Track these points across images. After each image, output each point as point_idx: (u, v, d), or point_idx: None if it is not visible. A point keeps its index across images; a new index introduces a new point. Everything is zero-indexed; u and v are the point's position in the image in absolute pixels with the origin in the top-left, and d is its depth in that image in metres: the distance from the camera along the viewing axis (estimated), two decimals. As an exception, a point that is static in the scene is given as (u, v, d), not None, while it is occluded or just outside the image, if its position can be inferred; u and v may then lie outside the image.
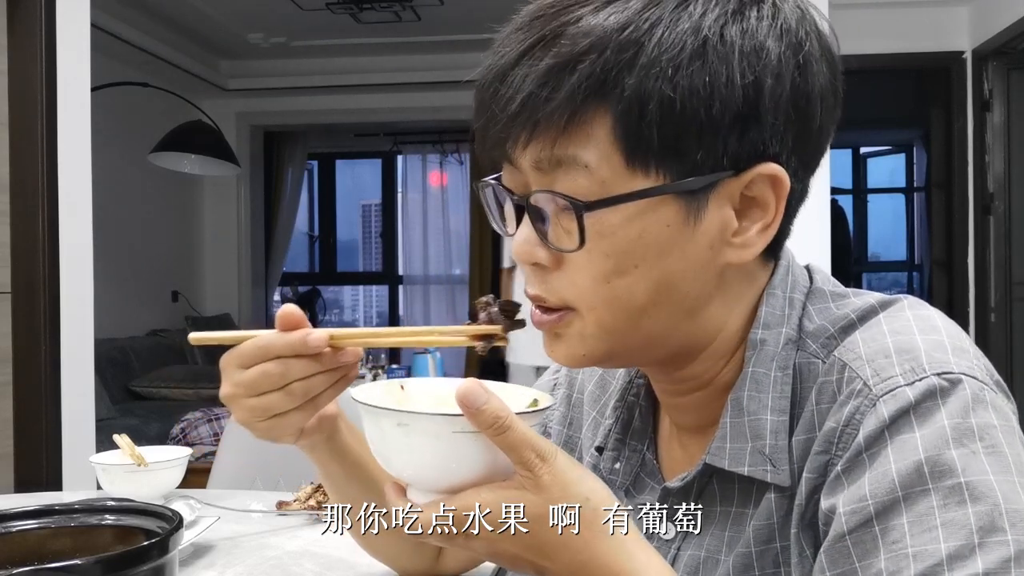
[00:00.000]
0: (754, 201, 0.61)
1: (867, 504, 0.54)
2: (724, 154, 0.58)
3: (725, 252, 0.61)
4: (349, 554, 1.14)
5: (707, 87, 0.56)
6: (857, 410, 0.57)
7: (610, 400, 0.77)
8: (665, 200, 0.59)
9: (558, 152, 0.58)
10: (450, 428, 0.55)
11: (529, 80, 0.58)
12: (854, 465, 0.56)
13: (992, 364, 0.61)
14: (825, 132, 0.64)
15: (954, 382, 0.55)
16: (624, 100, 0.56)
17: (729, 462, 0.64)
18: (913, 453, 0.53)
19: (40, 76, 2.47)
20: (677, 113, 0.56)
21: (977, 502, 0.51)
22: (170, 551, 0.70)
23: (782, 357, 0.64)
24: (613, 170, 0.58)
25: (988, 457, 0.53)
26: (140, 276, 5.34)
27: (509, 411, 0.54)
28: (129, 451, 1.42)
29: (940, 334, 0.59)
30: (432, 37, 5.38)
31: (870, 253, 7.93)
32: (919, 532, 0.52)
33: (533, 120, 0.58)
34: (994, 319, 4.17)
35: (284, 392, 0.66)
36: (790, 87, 0.59)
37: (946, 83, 4.43)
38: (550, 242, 0.61)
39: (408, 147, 7.34)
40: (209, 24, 5.24)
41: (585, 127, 0.58)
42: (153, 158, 4.78)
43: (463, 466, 0.56)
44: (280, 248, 7.06)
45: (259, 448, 1.93)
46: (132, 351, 4.90)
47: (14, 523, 0.75)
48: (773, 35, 0.59)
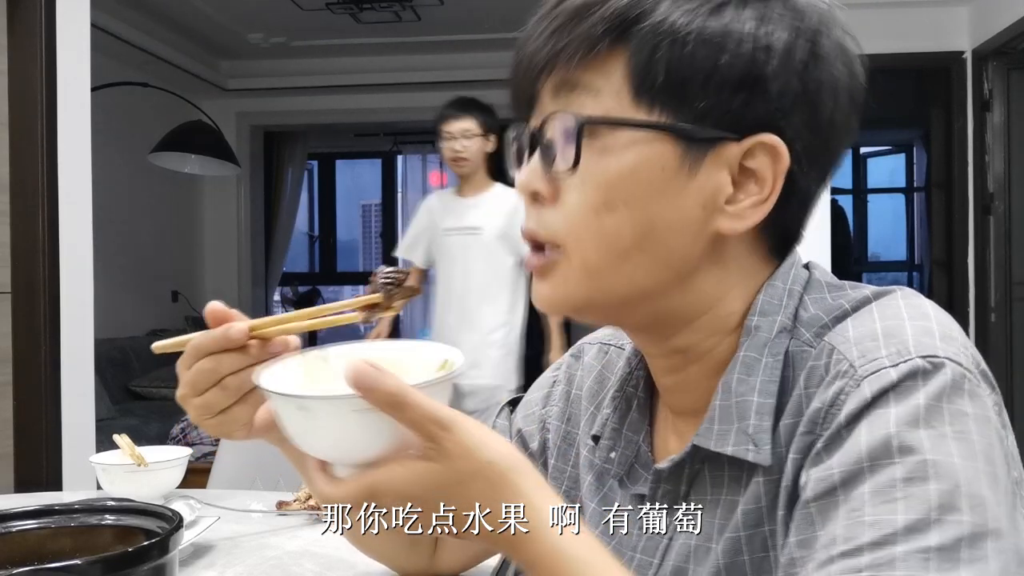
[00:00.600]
0: (753, 174, 0.62)
1: (833, 472, 0.55)
2: (728, 112, 0.60)
3: (717, 218, 0.62)
4: (349, 554, 1.14)
5: (719, 38, 0.59)
6: (842, 390, 0.58)
7: (609, 391, 0.78)
8: (663, 140, 0.61)
9: (574, 76, 0.62)
10: (350, 407, 0.54)
11: (559, 18, 0.62)
12: (833, 441, 0.57)
13: (992, 364, 0.61)
14: (837, 127, 0.64)
15: (937, 365, 0.56)
16: (640, 35, 0.60)
17: (715, 443, 0.64)
18: (884, 427, 0.55)
19: (40, 76, 2.47)
20: (687, 55, 0.59)
21: (940, 480, 0.52)
22: (170, 551, 0.70)
23: (775, 344, 0.64)
24: (620, 102, 0.61)
25: (955, 442, 0.54)
26: (140, 276, 5.34)
27: (403, 387, 0.53)
28: (129, 451, 1.42)
29: (930, 321, 0.60)
30: (432, 37, 5.38)
31: (870, 253, 7.93)
32: (880, 503, 0.53)
33: (558, 48, 0.62)
34: (994, 319, 4.17)
35: (219, 388, 0.69)
36: (800, 67, 0.61)
37: (946, 83, 4.43)
38: (553, 169, 0.63)
39: (408, 147, 7.34)
40: (209, 24, 5.24)
41: (603, 60, 0.61)
42: (153, 158, 4.78)
43: (374, 440, 0.56)
44: (280, 248, 7.05)
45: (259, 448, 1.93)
46: (132, 351, 4.90)
47: (14, 523, 0.75)
48: (790, 25, 0.61)
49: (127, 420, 4.08)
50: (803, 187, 0.64)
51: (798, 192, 0.64)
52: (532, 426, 0.86)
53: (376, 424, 0.55)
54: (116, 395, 4.51)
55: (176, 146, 4.69)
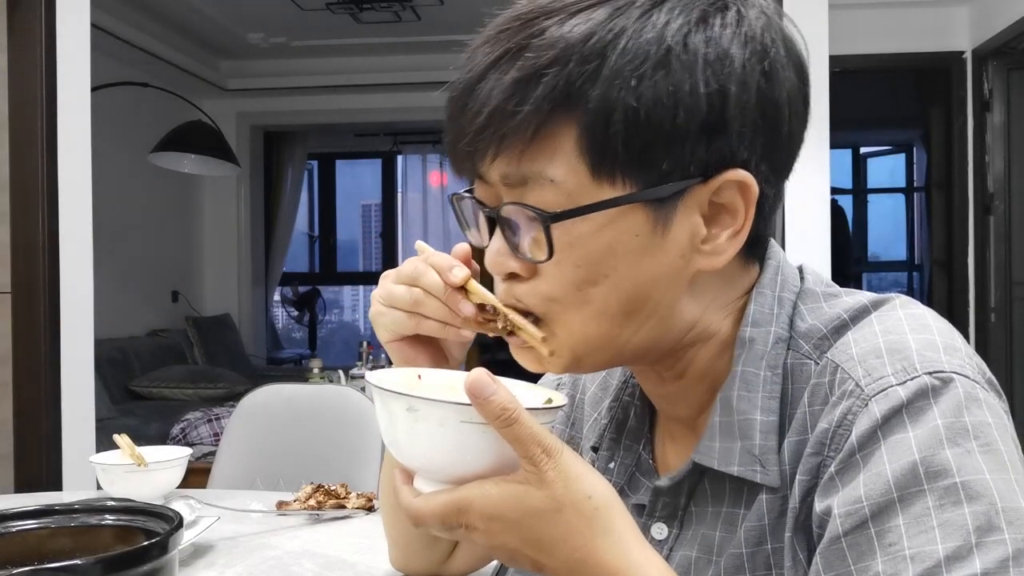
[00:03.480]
0: (723, 208, 0.61)
1: (862, 506, 0.54)
2: (691, 162, 0.58)
3: (696, 260, 0.61)
4: (349, 554, 1.14)
5: (671, 96, 0.56)
6: (849, 411, 0.57)
7: (606, 401, 0.78)
8: (633, 209, 0.59)
9: (524, 168, 0.59)
10: (458, 417, 0.55)
11: (495, 93, 0.58)
12: (848, 466, 0.56)
13: (992, 364, 0.61)
14: (795, 138, 0.63)
15: (946, 381, 0.55)
16: (589, 112, 0.56)
17: (719, 462, 0.64)
18: (908, 453, 0.53)
19: (40, 76, 2.47)
20: (642, 123, 0.56)
21: (973, 502, 0.51)
22: (170, 551, 0.70)
23: (772, 356, 0.64)
24: (579, 182, 0.58)
25: (983, 455, 0.53)
26: (140, 276, 5.34)
27: (517, 403, 0.54)
28: (129, 451, 1.42)
29: (932, 333, 0.59)
30: (432, 37, 5.37)
31: (870, 253, 7.92)
32: (916, 533, 0.51)
33: (499, 134, 0.58)
34: (994, 319, 4.16)
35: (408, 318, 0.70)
36: (756, 94, 0.59)
37: (946, 83, 4.43)
38: (522, 253, 0.61)
39: (408, 147, 7.34)
40: (209, 24, 5.24)
41: (551, 140, 0.58)
42: (153, 158, 4.78)
43: (469, 457, 0.56)
44: (280, 248, 7.05)
45: (259, 448, 1.93)
46: (132, 351, 4.90)
47: (14, 523, 0.75)
48: (737, 42, 0.58)
49: (127, 420, 4.07)
50: (771, 197, 0.63)
51: (768, 203, 0.63)
52: None
53: (478, 440, 0.55)
54: (116, 395, 4.51)
55: (176, 146, 4.69)
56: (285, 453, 1.87)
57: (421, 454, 0.57)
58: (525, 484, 0.55)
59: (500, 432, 0.54)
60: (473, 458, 0.56)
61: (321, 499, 1.35)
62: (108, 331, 4.43)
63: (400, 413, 0.56)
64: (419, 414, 0.56)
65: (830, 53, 2.73)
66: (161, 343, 5.28)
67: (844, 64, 3.63)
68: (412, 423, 0.56)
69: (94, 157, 2.62)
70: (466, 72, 0.60)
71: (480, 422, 0.54)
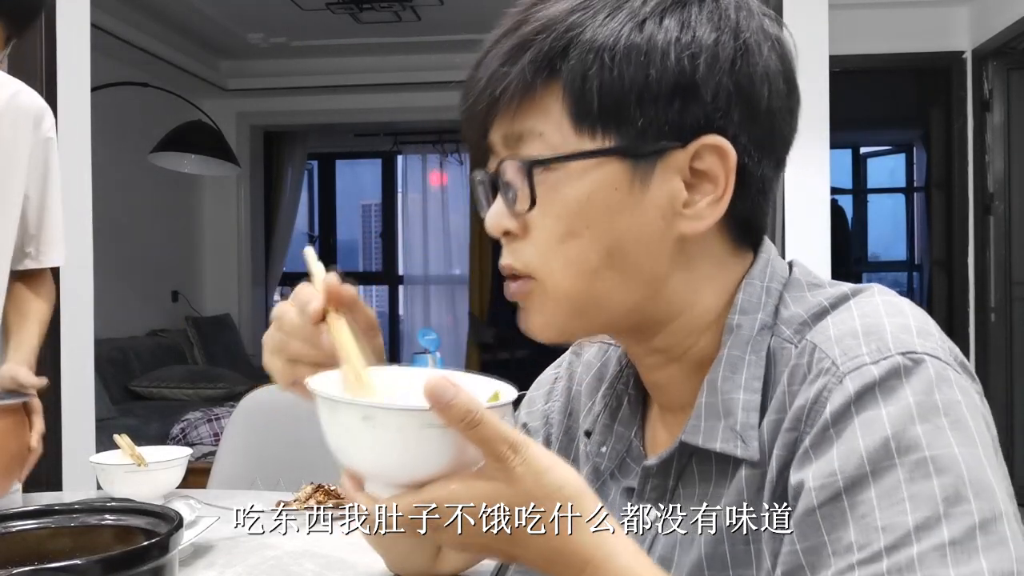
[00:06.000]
0: (705, 175, 0.64)
1: (836, 479, 0.56)
2: (666, 123, 0.62)
3: (677, 222, 0.65)
4: (349, 554, 1.14)
5: (644, 56, 0.62)
6: (825, 387, 0.59)
7: (601, 389, 0.80)
8: (611, 163, 0.63)
9: (518, 125, 0.65)
10: (418, 422, 0.54)
11: (494, 61, 0.65)
12: (821, 440, 0.58)
13: (992, 364, 0.63)
14: (778, 116, 0.66)
15: (917, 361, 0.58)
16: (570, 70, 0.62)
17: (703, 439, 0.66)
18: (880, 429, 0.56)
19: (40, 76, 2.47)
20: (616, 79, 0.62)
21: (942, 475, 0.53)
22: (170, 551, 0.70)
23: (756, 341, 0.66)
24: (563, 136, 0.63)
25: (952, 431, 0.55)
26: (140, 276, 5.34)
27: (479, 405, 0.54)
28: (129, 451, 1.42)
29: (907, 318, 0.62)
30: (432, 37, 5.38)
31: (870, 253, 7.92)
32: (887, 505, 0.54)
33: (495, 95, 0.64)
34: (994, 319, 4.16)
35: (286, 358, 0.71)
36: (729, 63, 0.63)
37: (946, 83, 4.44)
38: (512, 207, 0.66)
39: (408, 147, 7.34)
40: (209, 24, 5.24)
41: (540, 101, 0.64)
42: (153, 158, 4.78)
43: (429, 460, 0.55)
44: (280, 248, 7.05)
45: (259, 448, 1.93)
46: (132, 351, 4.90)
47: (14, 523, 0.75)
48: (711, 24, 0.63)
49: (127, 420, 4.07)
50: (757, 176, 0.66)
51: (754, 182, 0.66)
52: (536, 421, 0.87)
53: (439, 443, 0.54)
54: (116, 395, 4.51)
55: (176, 146, 4.69)
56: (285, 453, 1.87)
57: (376, 460, 0.56)
58: (493, 480, 0.55)
59: (465, 434, 0.54)
60: (433, 461, 0.55)
61: (321, 499, 1.35)
62: (108, 331, 4.42)
63: (354, 422, 0.55)
64: (376, 422, 0.54)
65: (830, 53, 2.72)
66: (161, 343, 5.28)
67: (844, 64, 3.63)
68: (368, 431, 0.55)
69: (94, 157, 2.62)
70: (479, 53, 0.67)
71: (440, 425, 0.54)
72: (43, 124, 1.64)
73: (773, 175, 0.68)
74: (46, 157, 1.64)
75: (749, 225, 0.69)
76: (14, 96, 1.59)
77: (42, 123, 1.64)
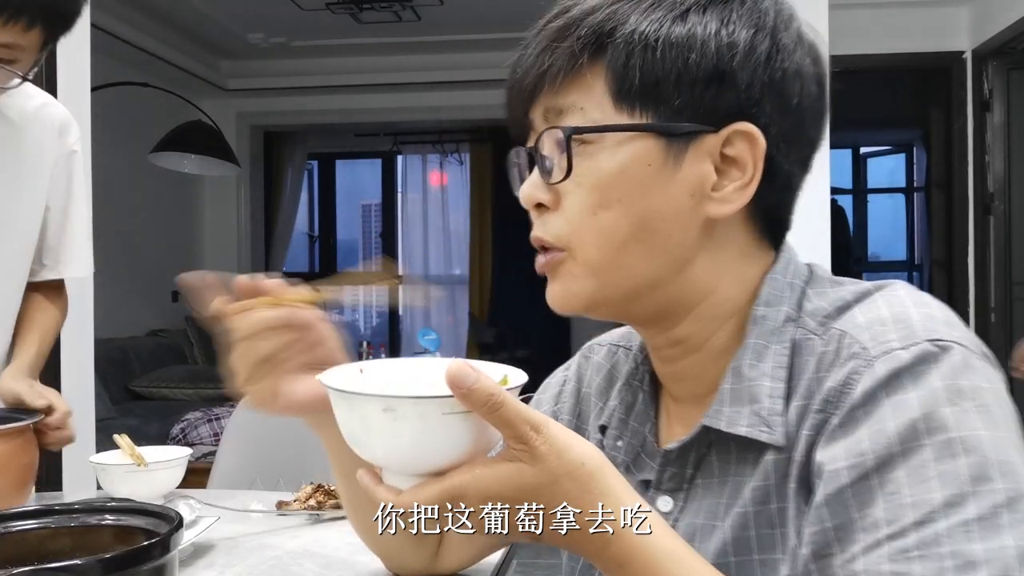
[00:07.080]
0: (734, 161, 0.66)
1: (866, 458, 0.58)
2: (701, 107, 0.65)
3: (705, 204, 0.67)
4: (349, 554, 1.14)
5: (685, 42, 0.65)
6: (855, 370, 0.61)
7: (616, 387, 0.81)
8: (646, 139, 0.66)
9: (561, 100, 0.67)
10: (440, 410, 0.55)
11: (543, 39, 0.68)
12: (850, 420, 0.60)
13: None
14: (808, 113, 0.69)
15: (945, 348, 0.60)
16: (614, 47, 0.65)
17: (726, 423, 0.67)
18: (909, 411, 0.58)
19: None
20: (657, 60, 0.65)
21: (969, 454, 0.56)
22: (170, 551, 0.70)
23: (781, 332, 0.68)
24: (603, 113, 0.66)
25: (978, 414, 0.57)
26: (140, 276, 5.34)
27: (499, 388, 0.54)
28: (129, 451, 1.42)
29: (932, 309, 0.64)
30: (432, 37, 5.38)
31: (870, 253, 7.93)
32: (916, 483, 0.56)
33: (542, 69, 0.67)
34: (994, 319, 4.17)
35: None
36: (765, 56, 0.66)
37: (946, 83, 4.44)
38: (548, 178, 0.68)
39: (408, 147, 7.34)
40: (209, 24, 5.24)
41: (584, 77, 0.66)
42: (153, 158, 4.78)
43: (450, 447, 0.56)
44: (280, 248, 7.06)
45: (259, 448, 1.93)
46: (132, 351, 4.90)
47: (14, 523, 0.75)
48: (750, 21, 0.66)
49: (127, 420, 4.07)
50: (785, 170, 0.69)
51: (780, 175, 0.68)
52: None
53: (460, 429, 0.55)
54: (116, 395, 4.51)
55: (176, 146, 4.69)
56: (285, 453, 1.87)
57: (398, 450, 0.57)
58: (516, 462, 0.56)
59: (488, 418, 0.54)
60: (455, 446, 0.56)
61: (321, 499, 1.35)
62: (108, 331, 4.42)
63: (374, 414, 0.56)
64: (397, 413, 0.55)
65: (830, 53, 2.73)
66: (161, 343, 5.28)
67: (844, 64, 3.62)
68: (389, 422, 0.55)
69: (94, 157, 2.62)
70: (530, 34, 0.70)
71: (462, 411, 0.54)
72: (68, 136, 1.61)
73: (799, 173, 0.71)
74: (70, 169, 1.62)
75: (773, 218, 0.71)
76: (42, 107, 1.57)
77: (68, 135, 1.61)
